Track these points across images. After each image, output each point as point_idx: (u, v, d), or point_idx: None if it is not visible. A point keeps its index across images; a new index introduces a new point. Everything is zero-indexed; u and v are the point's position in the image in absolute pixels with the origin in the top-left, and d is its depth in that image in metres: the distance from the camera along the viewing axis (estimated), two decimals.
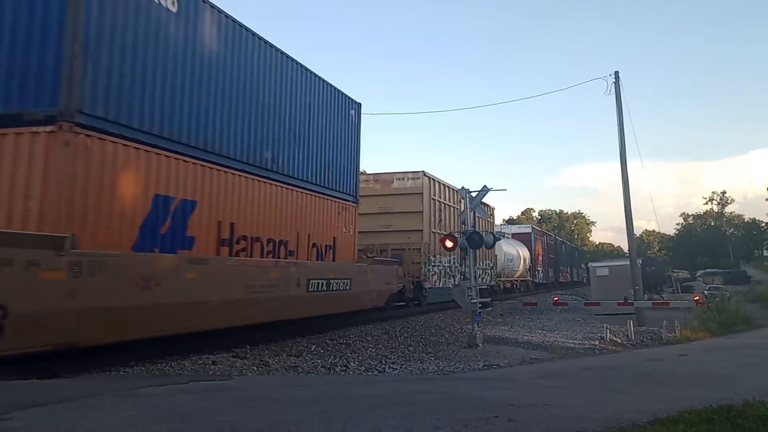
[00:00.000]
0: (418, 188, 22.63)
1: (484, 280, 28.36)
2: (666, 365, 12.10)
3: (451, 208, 25.47)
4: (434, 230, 23.06)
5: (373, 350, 13.65)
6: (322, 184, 15.54)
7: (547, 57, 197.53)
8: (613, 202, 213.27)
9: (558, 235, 77.85)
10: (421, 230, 22.26)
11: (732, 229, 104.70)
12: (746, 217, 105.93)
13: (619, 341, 17.65)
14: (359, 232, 20.56)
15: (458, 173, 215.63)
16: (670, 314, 21.56)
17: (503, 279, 35.30)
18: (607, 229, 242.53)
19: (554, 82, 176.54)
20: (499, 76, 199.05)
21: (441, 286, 23.42)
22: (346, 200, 17.01)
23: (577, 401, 7.18)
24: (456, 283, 22.70)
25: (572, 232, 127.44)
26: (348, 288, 15.70)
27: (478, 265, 25.86)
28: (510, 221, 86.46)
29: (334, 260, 15.91)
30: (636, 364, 12.15)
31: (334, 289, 14.95)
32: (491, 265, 31.00)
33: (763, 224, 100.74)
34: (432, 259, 22.61)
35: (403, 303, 21.69)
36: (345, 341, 14.21)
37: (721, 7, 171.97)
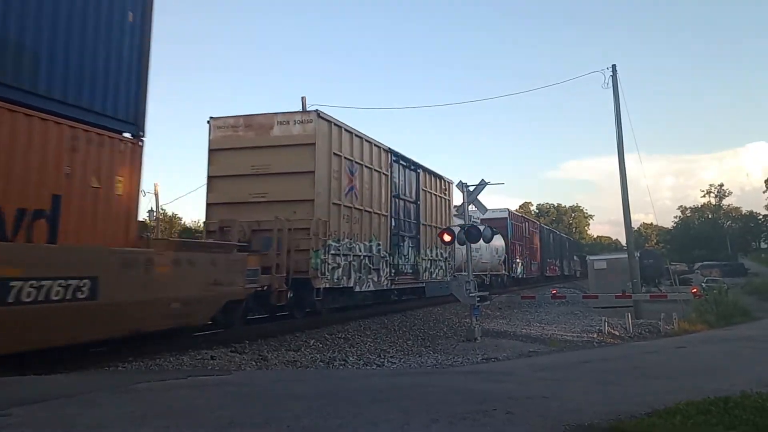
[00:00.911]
0: (309, 137, 15.00)
1: (434, 275, 22.62)
2: (664, 357, 12.11)
3: (379, 175, 18.45)
4: (339, 202, 16.03)
5: (371, 344, 13.66)
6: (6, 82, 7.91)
7: (545, 51, 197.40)
8: (611, 195, 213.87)
9: (545, 224, 71.63)
10: (313, 200, 14.83)
11: (729, 222, 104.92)
12: (744, 210, 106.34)
13: (618, 334, 17.70)
14: (220, 203, 15.38)
15: (457, 168, 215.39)
16: (668, 307, 21.59)
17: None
18: (605, 223, 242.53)
19: (553, 76, 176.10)
20: (496, 71, 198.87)
21: (352, 285, 16.54)
22: (101, 126, 9.29)
23: (575, 394, 7.18)
24: (380, 278, 18.30)
25: (570, 225, 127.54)
26: (87, 296, 8.28)
27: (424, 255, 21.89)
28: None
29: (55, 241, 8.35)
30: (634, 357, 12.17)
31: (34, 300, 7.58)
32: (445, 256, 23.83)
33: (761, 216, 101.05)
34: (333, 245, 15.50)
35: (286, 313, 15.12)
36: (344, 336, 14.22)
37: (718, 1, 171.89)
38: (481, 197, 17.30)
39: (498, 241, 34.37)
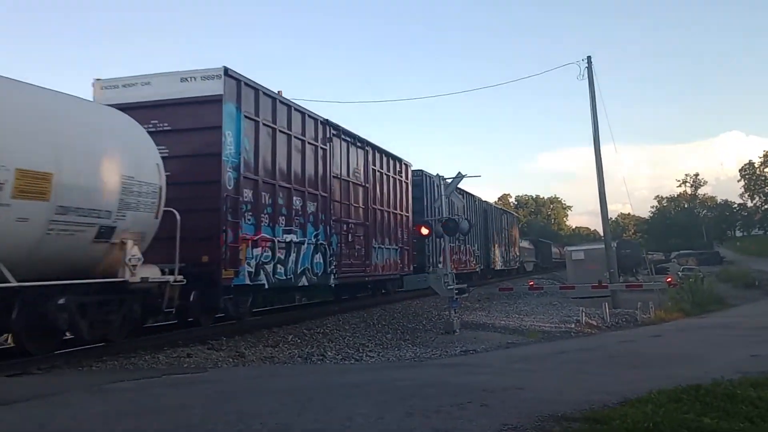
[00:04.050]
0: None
1: None
2: (639, 346, 12.23)
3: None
4: None
5: (350, 339, 13.63)
6: None
7: (522, 43, 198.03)
8: (589, 186, 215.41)
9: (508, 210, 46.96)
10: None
11: (705, 211, 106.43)
12: (719, 199, 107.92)
13: (595, 324, 17.81)
14: None
15: (434, 160, 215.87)
16: (645, 296, 21.77)
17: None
18: (583, 213, 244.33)
19: (529, 68, 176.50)
20: (474, 64, 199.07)
21: None
22: None
23: (551, 384, 7.24)
24: None
25: (549, 216, 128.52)
26: None
27: None
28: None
29: None
30: (610, 346, 12.27)
31: None
32: None
33: (735, 205, 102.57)
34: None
35: None
36: (322, 330, 14.17)
37: None
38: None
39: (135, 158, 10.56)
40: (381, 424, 4.92)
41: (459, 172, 17.25)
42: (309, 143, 15.55)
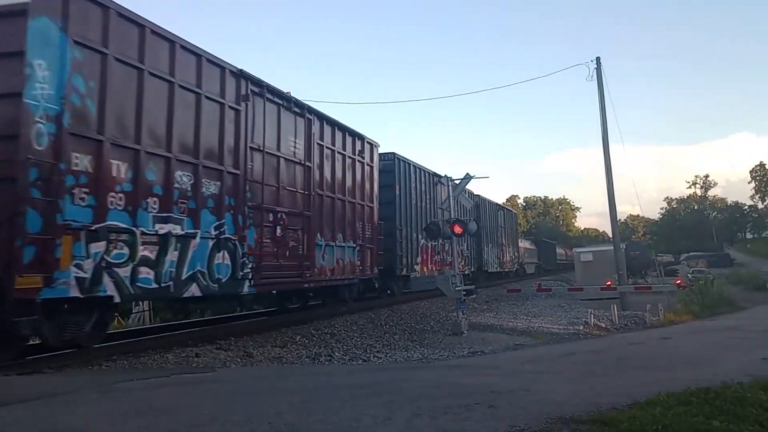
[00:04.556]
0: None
1: None
2: (648, 349, 12.19)
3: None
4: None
5: (358, 339, 13.64)
6: None
7: (526, 43, 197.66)
8: (596, 187, 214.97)
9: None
10: None
11: (715, 213, 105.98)
12: (729, 201, 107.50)
13: (604, 326, 17.75)
14: None
15: (442, 162, 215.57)
16: (654, 298, 21.69)
17: None
18: (591, 215, 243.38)
19: (533, 69, 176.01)
20: (483, 65, 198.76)
21: None
22: None
23: (559, 386, 7.21)
24: None
25: (557, 218, 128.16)
26: None
27: None
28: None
29: None
30: (619, 348, 12.22)
31: None
32: None
33: (746, 207, 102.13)
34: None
35: None
36: (330, 331, 14.19)
37: None
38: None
39: None
40: (388, 425, 4.92)
41: (467, 173, 17.23)
42: (208, 98, 11.12)
